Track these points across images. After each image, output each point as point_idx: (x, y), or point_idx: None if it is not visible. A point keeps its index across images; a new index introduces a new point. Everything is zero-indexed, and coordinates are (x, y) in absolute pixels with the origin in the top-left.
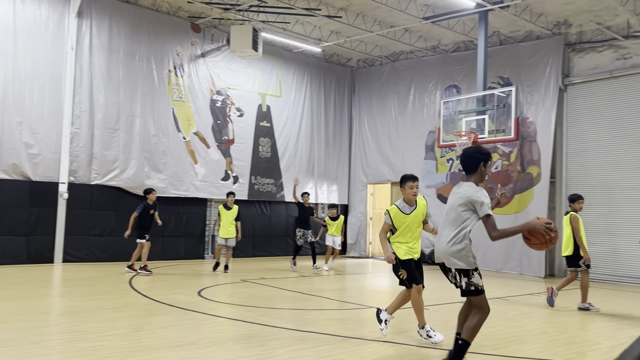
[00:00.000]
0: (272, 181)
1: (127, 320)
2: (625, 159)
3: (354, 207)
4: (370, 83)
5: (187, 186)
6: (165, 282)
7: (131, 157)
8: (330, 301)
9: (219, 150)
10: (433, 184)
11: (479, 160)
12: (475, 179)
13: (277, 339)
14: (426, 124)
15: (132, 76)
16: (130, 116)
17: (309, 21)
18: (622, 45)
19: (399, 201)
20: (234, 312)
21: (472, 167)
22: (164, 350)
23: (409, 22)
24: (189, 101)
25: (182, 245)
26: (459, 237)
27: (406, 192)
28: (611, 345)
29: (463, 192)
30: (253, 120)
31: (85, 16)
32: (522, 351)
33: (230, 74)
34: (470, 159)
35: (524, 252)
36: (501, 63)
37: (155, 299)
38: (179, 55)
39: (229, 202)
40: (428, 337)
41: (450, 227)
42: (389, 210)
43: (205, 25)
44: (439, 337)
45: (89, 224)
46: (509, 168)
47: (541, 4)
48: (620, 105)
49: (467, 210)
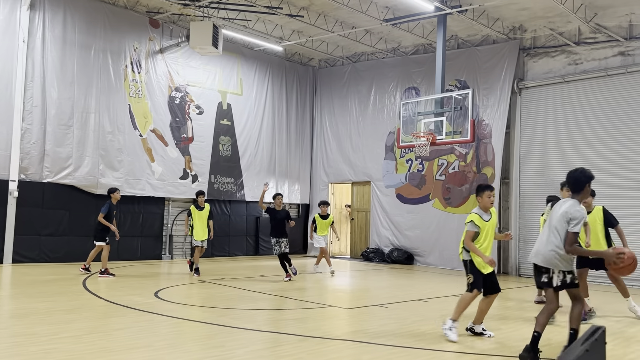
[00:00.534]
0: (233, 180)
1: (80, 322)
2: (575, 161)
3: (315, 207)
4: (331, 83)
5: (143, 185)
6: (121, 283)
7: (85, 154)
8: (290, 301)
9: (178, 149)
10: (393, 183)
11: (584, 182)
12: (579, 197)
13: (236, 340)
14: (386, 125)
15: (87, 71)
16: (84, 112)
17: (270, 19)
18: (573, 51)
19: (475, 209)
20: (193, 313)
21: (578, 187)
22: (119, 352)
23: (369, 23)
24: (146, 98)
25: (138, 245)
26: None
27: (484, 200)
28: (561, 341)
29: (568, 206)
30: (213, 118)
31: (38, 8)
32: (477, 347)
33: (190, 70)
34: (577, 181)
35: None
36: (459, 66)
37: (111, 301)
38: (136, 51)
39: (199, 202)
40: (448, 330)
41: (555, 234)
42: (472, 219)
43: (164, 21)
44: (455, 337)
45: (40, 224)
46: (465, 169)
47: (497, 9)
48: (571, 109)
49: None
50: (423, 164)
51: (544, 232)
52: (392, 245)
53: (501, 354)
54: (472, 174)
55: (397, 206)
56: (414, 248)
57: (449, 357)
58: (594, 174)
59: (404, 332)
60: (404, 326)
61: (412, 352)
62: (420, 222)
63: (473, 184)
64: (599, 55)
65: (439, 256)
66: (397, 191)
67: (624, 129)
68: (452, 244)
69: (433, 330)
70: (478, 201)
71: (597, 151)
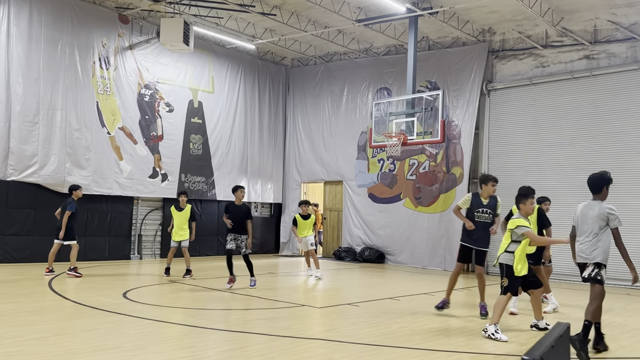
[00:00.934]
0: (203, 179)
1: (46, 324)
2: (542, 161)
3: (288, 206)
4: (304, 82)
5: (111, 183)
6: (88, 284)
7: (51, 152)
8: (261, 300)
9: (147, 147)
10: (365, 183)
11: (603, 185)
12: (600, 197)
13: (206, 340)
14: (359, 125)
15: (54, 67)
16: (50, 109)
17: (242, 17)
18: (541, 54)
19: (516, 215)
20: (162, 313)
21: (597, 189)
22: (86, 354)
23: (342, 23)
24: (114, 95)
25: (106, 245)
26: (597, 240)
27: (527, 207)
28: (527, 338)
29: (598, 208)
30: (184, 116)
31: (3, 2)
32: (447, 344)
33: (160, 67)
34: (596, 184)
35: (447, 250)
36: (429, 67)
37: (78, 302)
38: (104, 47)
39: (180, 203)
40: (491, 335)
41: (590, 234)
42: (522, 223)
43: (134, 17)
44: (505, 337)
45: (4, 223)
46: (435, 169)
47: (467, 11)
48: (538, 111)
49: (602, 221)
50: (394, 164)
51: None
52: (363, 244)
53: (471, 351)
54: (442, 173)
55: (369, 205)
56: (385, 247)
57: (418, 354)
58: (560, 174)
59: (375, 331)
60: (375, 325)
61: (383, 350)
62: (392, 222)
63: (443, 184)
64: (565, 59)
65: (409, 255)
66: (369, 191)
67: (589, 130)
68: (423, 243)
69: (403, 328)
70: (520, 208)
71: (563, 152)
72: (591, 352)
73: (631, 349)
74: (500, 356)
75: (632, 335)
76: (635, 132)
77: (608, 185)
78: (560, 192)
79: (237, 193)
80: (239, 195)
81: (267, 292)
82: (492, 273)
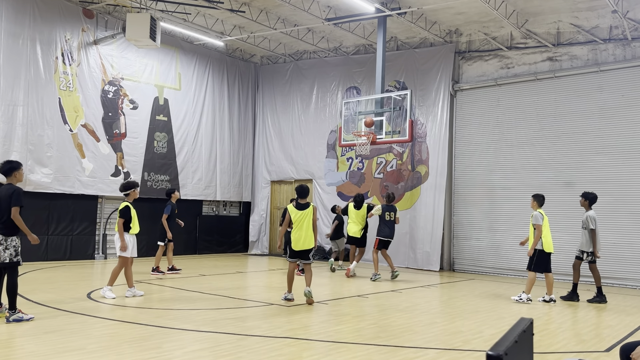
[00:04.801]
0: (168, 178)
1: (7, 326)
2: (506, 160)
3: (257, 205)
4: (274, 80)
5: (73, 182)
6: (50, 284)
7: (12, 149)
8: (229, 300)
9: (110, 145)
10: (334, 182)
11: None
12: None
13: (174, 341)
14: (328, 123)
15: (15, 62)
16: (11, 105)
17: (211, 14)
18: (505, 55)
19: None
20: (128, 314)
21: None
22: (49, 356)
23: (311, 22)
24: (77, 91)
25: (68, 244)
26: None
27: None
28: (492, 333)
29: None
30: (148, 113)
31: None
32: (414, 341)
33: (125, 63)
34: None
35: (410, 247)
36: (398, 67)
37: (39, 302)
38: (67, 42)
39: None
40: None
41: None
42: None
43: (99, 11)
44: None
45: None
46: (401, 167)
47: (435, 13)
48: (503, 111)
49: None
50: (363, 162)
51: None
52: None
53: (437, 347)
54: (407, 172)
55: (338, 204)
56: None
57: (386, 350)
58: (523, 173)
59: (344, 328)
60: (344, 322)
61: (351, 348)
62: None
63: (408, 182)
64: (529, 60)
65: None
66: (338, 189)
67: (551, 131)
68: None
69: (372, 325)
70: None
71: (526, 151)
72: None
73: None
74: (465, 352)
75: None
76: (594, 132)
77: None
78: (522, 191)
79: (174, 195)
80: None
81: (235, 292)
82: (458, 270)
